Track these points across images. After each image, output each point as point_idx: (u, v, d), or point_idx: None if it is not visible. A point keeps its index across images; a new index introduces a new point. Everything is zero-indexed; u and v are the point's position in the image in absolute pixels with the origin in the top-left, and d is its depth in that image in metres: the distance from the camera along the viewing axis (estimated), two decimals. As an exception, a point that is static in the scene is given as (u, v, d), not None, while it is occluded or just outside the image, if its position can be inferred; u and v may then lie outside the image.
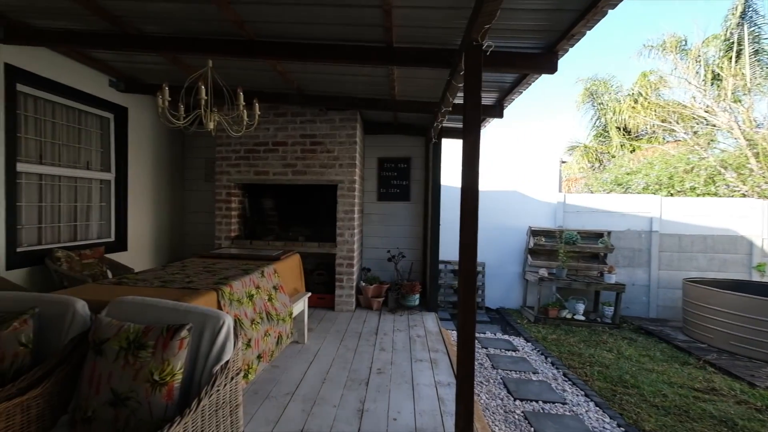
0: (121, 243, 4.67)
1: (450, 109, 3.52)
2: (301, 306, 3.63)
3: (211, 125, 2.96)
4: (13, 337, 1.64)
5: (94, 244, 4.25)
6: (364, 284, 5.09)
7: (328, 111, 4.87)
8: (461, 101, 2.30)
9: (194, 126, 2.98)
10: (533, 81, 3.31)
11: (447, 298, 6.59)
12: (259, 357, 2.64)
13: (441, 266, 6.47)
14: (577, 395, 3.67)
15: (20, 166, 3.47)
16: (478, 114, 2.21)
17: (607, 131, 13.02)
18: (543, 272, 6.25)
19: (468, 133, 2.19)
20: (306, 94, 4.45)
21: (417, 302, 5.14)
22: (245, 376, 2.44)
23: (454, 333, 5.23)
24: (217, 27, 2.96)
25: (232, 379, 1.68)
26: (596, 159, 13.59)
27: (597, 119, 13.55)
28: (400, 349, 3.69)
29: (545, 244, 6.57)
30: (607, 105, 12.92)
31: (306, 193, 5.48)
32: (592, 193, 11.60)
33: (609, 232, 6.64)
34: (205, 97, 2.75)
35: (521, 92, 3.65)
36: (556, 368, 4.28)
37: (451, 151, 5.75)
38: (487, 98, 4.08)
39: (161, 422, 1.46)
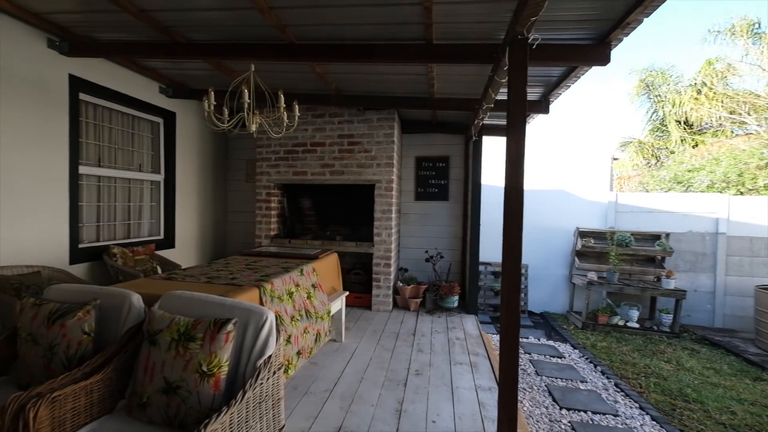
0: (169, 240, 4.99)
1: (492, 105, 3.47)
2: (338, 305, 3.70)
3: (254, 127, 3.09)
4: (78, 326, 1.80)
5: (146, 242, 4.57)
6: (401, 284, 5.11)
7: (365, 111, 4.94)
8: (504, 97, 2.26)
9: (237, 128, 3.12)
10: (582, 74, 3.19)
11: (487, 300, 6.46)
12: (298, 353, 2.73)
13: (481, 267, 6.36)
14: (631, 407, 3.49)
15: (82, 169, 3.80)
16: (523, 110, 2.15)
17: (665, 125, 12.20)
18: (592, 276, 5.98)
19: (512, 130, 2.15)
20: (344, 94, 4.53)
21: (456, 304, 5.09)
22: (285, 372, 2.53)
23: (495, 337, 5.13)
24: (259, 32, 3.09)
25: (275, 373, 1.76)
26: (652, 155, 12.78)
27: (653, 112, 12.72)
28: (438, 351, 3.68)
29: (594, 246, 6.29)
30: (665, 97, 12.10)
31: (343, 193, 5.58)
32: (647, 191, 10.94)
33: (667, 234, 6.23)
34: (248, 101, 2.87)
35: (569, 86, 3.52)
36: (607, 378, 4.08)
37: (491, 149, 5.65)
38: (532, 93, 3.97)
39: (209, 411, 1.55)
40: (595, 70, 3.68)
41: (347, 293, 4.00)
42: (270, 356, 1.72)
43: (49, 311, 1.83)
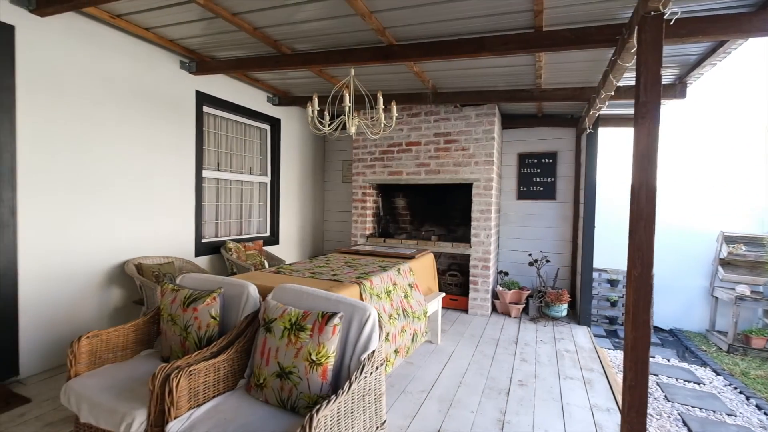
0: (274, 237, 5.50)
1: (612, 93, 3.17)
2: (434, 306, 3.70)
3: (353, 129, 3.25)
4: (207, 310, 2.08)
5: (255, 238, 5.10)
6: (501, 288, 4.92)
7: (463, 107, 4.86)
8: (628, 83, 2.04)
9: (338, 131, 3.32)
10: (734, 49, 2.74)
11: (602, 311, 5.88)
12: (396, 351, 2.79)
13: (595, 274, 5.81)
14: (801, 454, 2.88)
15: (204, 173, 4.40)
16: (657, 96, 1.92)
17: None
18: (743, 289, 5.08)
19: (642, 119, 1.93)
20: (441, 91, 4.53)
21: (564, 313, 4.73)
22: (384, 368, 2.61)
23: (612, 352, 4.66)
24: (360, 37, 3.25)
25: (377, 368, 1.83)
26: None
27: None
28: (545, 363, 3.46)
29: (746, 254, 5.33)
30: None
31: (439, 192, 5.57)
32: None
33: None
34: (349, 104, 3.03)
35: (714, 64, 3.06)
36: (765, 413, 3.42)
37: (607, 142, 5.14)
38: (665, 76, 3.53)
39: (317, 398, 1.67)
40: (754, 44, 3.13)
41: (443, 295, 3.97)
42: (374, 351, 1.80)
43: (185, 296, 2.14)
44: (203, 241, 4.39)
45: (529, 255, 5.22)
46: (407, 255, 3.81)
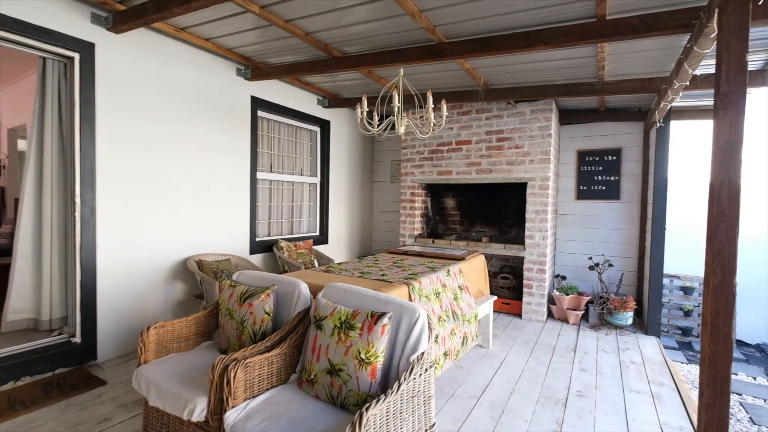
0: (323, 237, 5.65)
1: (687, 83, 2.94)
2: (485, 309, 3.63)
3: (402, 130, 3.27)
4: (261, 306, 2.19)
5: (305, 237, 5.28)
6: (557, 293, 4.71)
7: (517, 104, 4.72)
8: (705, 70, 1.89)
9: (386, 132, 3.35)
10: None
11: (673, 321, 5.45)
12: (445, 354, 2.77)
13: (665, 281, 5.40)
14: None
15: (258, 174, 4.62)
16: (742, 85, 1.75)
17: None
18: None
19: (723, 111, 1.77)
20: (493, 88, 4.43)
21: (629, 321, 4.43)
22: (433, 370, 2.60)
23: (685, 366, 4.31)
24: (409, 36, 3.27)
25: (426, 370, 1.82)
26: None
27: None
28: (606, 374, 3.27)
29: None
30: None
31: (491, 192, 5.46)
32: None
33: None
34: (399, 105, 3.05)
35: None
36: None
37: (680, 136, 4.76)
38: (751, 62, 3.22)
39: (367, 396, 1.70)
40: None
41: (495, 298, 3.88)
42: (423, 353, 1.80)
43: (241, 292, 2.27)
44: (257, 239, 4.62)
45: (590, 258, 4.96)
46: (457, 256, 3.77)
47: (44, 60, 2.97)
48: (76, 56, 2.95)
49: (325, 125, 5.59)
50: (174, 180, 3.63)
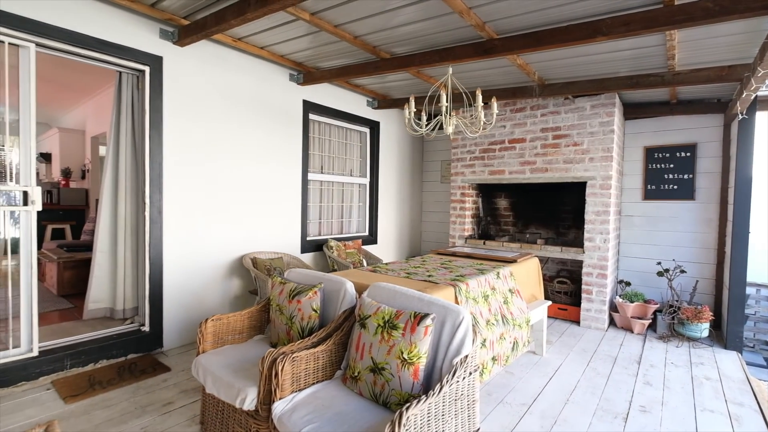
0: (372, 237, 5.74)
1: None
2: (539, 314, 3.50)
3: (450, 129, 3.25)
4: (309, 303, 2.28)
5: (354, 237, 5.39)
6: (620, 300, 4.43)
7: (575, 98, 4.51)
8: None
9: (435, 131, 3.35)
10: None
11: (760, 335, 4.91)
12: (493, 359, 2.72)
13: (749, 290, 4.89)
14: None
15: (309, 175, 4.80)
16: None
17: None
18: None
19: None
20: (549, 83, 4.26)
21: (704, 334, 4.07)
22: (480, 374, 2.56)
23: (773, 388, 3.87)
24: (458, 34, 3.25)
25: (470, 374, 1.81)
26: None
27: None
28: (675, 389, 3.03)
29: None
30: None
31: (546, 192, 5.26)
32: None
33: None
34: (446, 104, 3.04)
35: None
36: None
37: (765, 129, 4.30)
38: None
39: (409, 396, 1.72)
40: None
41: (549, 303, 3.73)
42: (466, 356, 1.78)
43: (291, 289, 2.38)
44: (308, 239, 4.79)
45: (658, 264, 4.61)
46: (508, 258, 3.67)
47: (120, 74, 3.30)
48: (147, 69, 3.24)
49: (374, 126, 5.68)
50: (231, 182, 3.87)
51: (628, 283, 4.73)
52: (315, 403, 1.78)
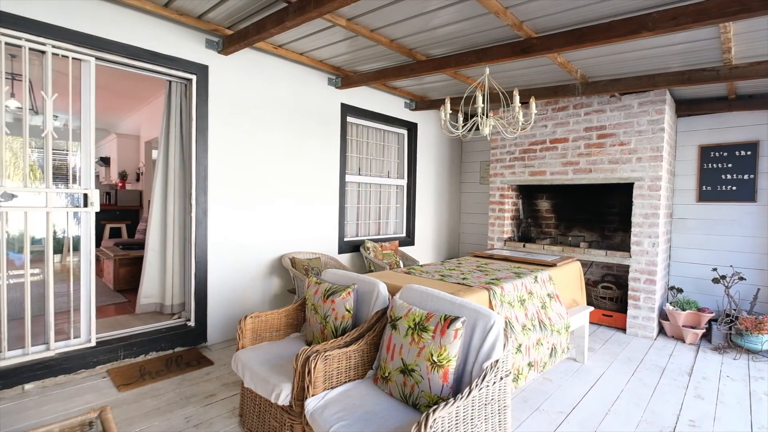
0: (410, 238, 5.76)
1: None
2: (580, 320, 3.39)
3: (486, 131, 3.22)
4: (343, 303, 2.34)
5: (391, 238, 5.43)
6: (671, 307, 4.20)
7: (622, 96, 4.32)
8: None
9: (471, 133, 3.32)
10: None
11: (832, 352, 4.49)
12: (530, 365, 2.67)
13: (819, 300, 4.49)
14: None
15: (347, 177, 4.89)
16: None
17: None
18: None
19: None
20: (592, 81, 4.11)
21: (765, 346, 3.77)
22: (515, 380, 2.52)
23: None
24: (494, 34, 3.22)
25: (502, 379, 1.79)
26: None
27: None
28: (729, 404, 2.84)
29: None
30: None
31: (590, 194, 5.07)
32: None
33: None
34: (482, 105, 3.02)
35: None
36: None
37: None
38: None
39: (438, 398, 1.74)
40: None
41: (592, 309, 3.60)
42: (497, 361, 1.77)
43: (326, 289, 2.45)
44: (345, 240, 4.89)
45: (714, 270, 4.32)
46: (547, 262, 3.58)
47: (170, 82, 3.53)
48: (194, 78, 3.44)
49: (412, 128, 5.70)
50: (272, 184, 4.03)
51: (680, 290, 4.47)
52: (346, 401, 1.83)
